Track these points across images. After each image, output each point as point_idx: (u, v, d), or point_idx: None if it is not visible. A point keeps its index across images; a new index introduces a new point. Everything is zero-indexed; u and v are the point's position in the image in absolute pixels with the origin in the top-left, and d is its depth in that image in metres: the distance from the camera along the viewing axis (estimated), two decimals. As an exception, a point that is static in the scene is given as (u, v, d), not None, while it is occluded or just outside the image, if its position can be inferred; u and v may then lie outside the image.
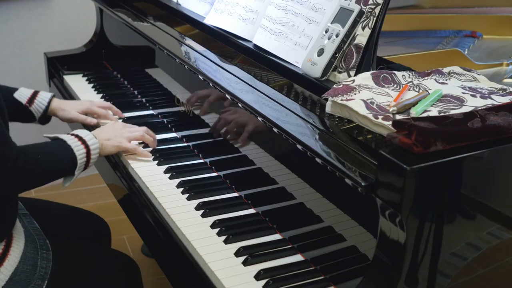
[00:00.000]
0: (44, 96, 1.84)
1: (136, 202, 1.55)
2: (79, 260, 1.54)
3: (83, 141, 1.51)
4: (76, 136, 1.52)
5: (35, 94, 1.83)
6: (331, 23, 1.36)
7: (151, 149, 1.69)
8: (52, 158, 1.46)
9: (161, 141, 1.75)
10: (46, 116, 1.86)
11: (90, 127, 1.84)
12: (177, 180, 1.55)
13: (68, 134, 1.53)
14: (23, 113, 1.83)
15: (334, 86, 1.22)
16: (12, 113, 1.73)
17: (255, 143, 1.46)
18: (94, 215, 1.88)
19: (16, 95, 1.81)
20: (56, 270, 1.44)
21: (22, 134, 2.09)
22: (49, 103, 1.83)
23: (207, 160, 1.65)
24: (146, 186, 1.54)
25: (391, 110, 1.13)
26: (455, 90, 1.20)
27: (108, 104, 1.93)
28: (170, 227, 1.41)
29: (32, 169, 1.40)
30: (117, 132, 1.64)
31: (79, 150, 1.49)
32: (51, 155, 1.46)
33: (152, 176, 1.58)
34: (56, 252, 1.47)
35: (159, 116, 1.94)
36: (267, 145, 1.41)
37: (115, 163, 1.69)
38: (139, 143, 1.71)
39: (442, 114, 1.10)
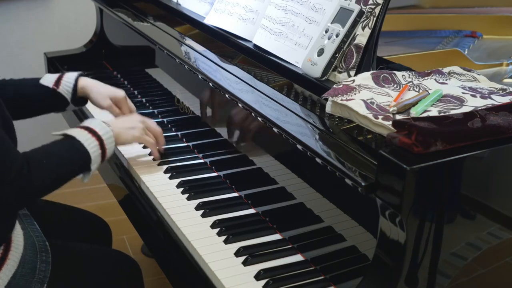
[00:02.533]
0: (70, 76, 1.71)
1: (136, 202, 1.55)
2: (79, 262, 1.52)
3: (94, 133, 1.42)
4: (87, 128, 1.43)
5: (61, 76, 1.71)
6: (331, 23, 1.36)
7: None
8: (61, 160, 1.38)
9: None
10: (77, 97, 1.71)
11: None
12: (177, 180, 1.55)
13: (77, 127, 1.44)
14: (53, 98, 1.70)
15: (334, 86, 1.22)
16: (43, 102, 1.67)
17: (255, 143, 1.46)
18: (94, 215, 1.88)
19: (42, 80, 1.70)
20: (56, 273, 1.43)
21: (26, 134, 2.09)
22: (76, 80, 1.69)
23: (207, 160, 1.65)
24: (146, 186, 1.54)
25: (391, 110, 1.13)
26: (455, 90, 1.20)
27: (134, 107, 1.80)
28: (170, 227, 1.41)
29: (38, 177, 1.32)
30: (137, 124, 1.56)
31: (90, 144, 1.41)
32: (60, 157, 1.38)
33: (152, 176, 1.58)
34: (55, 255, 1.46)
35: (159, 116, 1.94)
36: (267, 145, 1.41)
37: (115, 164, 1.69)
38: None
39: (442, 114, 1.10)
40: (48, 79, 1.71)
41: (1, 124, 1.35)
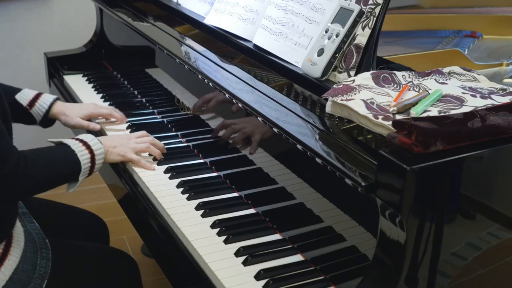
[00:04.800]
0: (45, 99, 1.80)
1: (136, 202, 1.55)
2: (79, 259, 1.54)
3: (88, 146, 1.49)
4: (81, 141, 1.50)
5: (37, 97, 1.80)
6: (331, 23, 1.36)
7: (155, 161, 1.65)
8: (54, 163, 1.43)
9: (161, 141, 1.75)
10: (47, 119, 1.82)
11: (94, 133, 1.81)
12: (177, 180, 1.55)
13: (73, 138, 1.51)
14: (24, 115, 1.80)
15: (334, 86, 1.22)
16: (14, 114, 1.69)
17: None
18: (93, 215, 1.88)
19: (18, 97, 1.78)
20: (56, 269, 1.44)
21: (25, 135, 2.09)
22: (50, 106, 1.80)
23: (207, 160, 1.65)
24: (146, 186, 1.54)
25: (391, 110, 1.12)
26: (455, 90, 1.20)
27: (112, 108, 1.90)
28: (170, 227, 1.41)
29: (33, 174, 1.38)
30: (123, 141, 1.62)
31: (83, 155, 1.47)
32: (54, 161, 1.44)
33: (152, 176, 1.58)
34: (55, 251, 1.48)
35: (159, 116, 1.94)
36: (267, 145, 1.41)
37: (115, 163, 1.69)
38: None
39: (442, 114, 1.10)
40: (24, 97, 1.79)
41: (1, 117, 1.36)
